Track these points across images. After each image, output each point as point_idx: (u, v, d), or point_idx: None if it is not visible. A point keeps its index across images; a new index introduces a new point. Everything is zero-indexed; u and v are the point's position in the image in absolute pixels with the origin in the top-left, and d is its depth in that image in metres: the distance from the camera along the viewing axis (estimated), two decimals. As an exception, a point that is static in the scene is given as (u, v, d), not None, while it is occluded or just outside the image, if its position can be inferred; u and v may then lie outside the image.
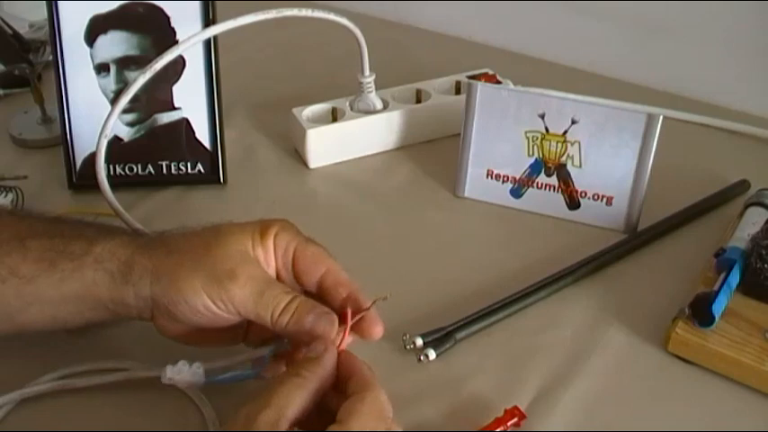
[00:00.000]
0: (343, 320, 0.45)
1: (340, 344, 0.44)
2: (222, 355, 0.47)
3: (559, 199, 0.66)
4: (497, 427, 0.47)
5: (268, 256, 0.47)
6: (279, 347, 0.46)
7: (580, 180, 0.65)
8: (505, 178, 0.68)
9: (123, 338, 0.53)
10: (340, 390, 0.42)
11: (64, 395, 0.50)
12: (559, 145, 0.65)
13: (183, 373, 0.45)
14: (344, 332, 0.45)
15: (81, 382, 0.50)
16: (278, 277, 0.48)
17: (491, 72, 0.80)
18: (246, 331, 0.49)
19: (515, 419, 0.48)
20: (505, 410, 0.48)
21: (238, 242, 0.46)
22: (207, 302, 0.44)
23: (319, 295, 0.47)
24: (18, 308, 0.47)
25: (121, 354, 0.52)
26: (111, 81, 0.67)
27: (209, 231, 0.47)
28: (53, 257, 0.46)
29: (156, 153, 0.69)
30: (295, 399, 0.40)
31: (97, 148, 0.59)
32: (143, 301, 0.46)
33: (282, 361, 0.47)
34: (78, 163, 0.69)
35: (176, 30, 0.66)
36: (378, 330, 0.47)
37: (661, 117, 0.61)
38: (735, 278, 0.55)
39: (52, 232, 0.48)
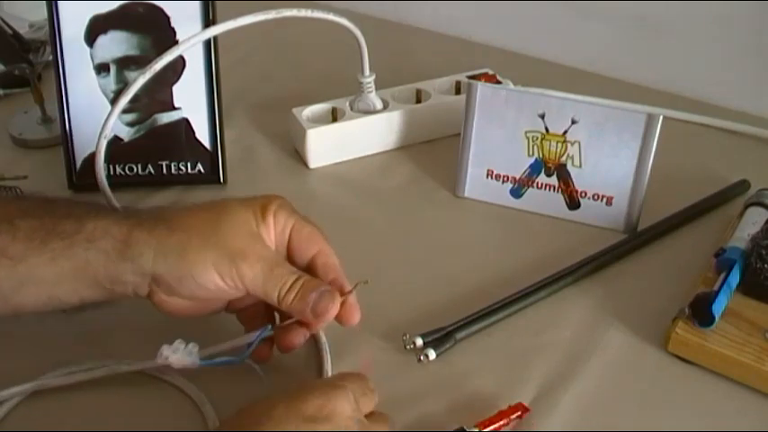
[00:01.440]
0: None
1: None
2: (212, 342, 0.48)
3: (559, 199, 0.66)
4: (500, 420, 0.47)
5: (269, 232, 0.48)
6: (264, 333, 0.48)
7: (580, 180, 0.65)
8: (505, 178, 0.68)
9: (125, 338, 0.53)
10: None
11: (66, 391, 0.50)
12: (559, 145, 0.65)
13: (179, 351, 0.46)
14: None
15: (79, 378, 0.50)
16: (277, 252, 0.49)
17: (491, 72, 0.80)
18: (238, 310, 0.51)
19: (519, 413, 0.48)
20: (509, 406, 0.48)
21: (244, 221, 0.47)
22: (216, 280, 0.45)
23: (308, 272, 0.49)
24: (11, 288, 0.46)
25: (122, 353, 0.52)
26: (111, 81, 0.67)
27: (212, 209, 0.48)
28: (43, 236, 0.46)
29: (156, 153, 0.69)
30: (344, 409, 0.41)
31: (97, 148, 0.59)
32: (141, 277, 0.46)
33: (267, 346, 0.49)
34: (78, 163, 0.69)
35: (176, 30, 0.66)
36: (355, 317, 0.49)
37: (661, 117, 0.61)
38: (735, 278, 0.55)
39: (41, 212, 0.47)
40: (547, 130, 0.65)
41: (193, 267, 0.45)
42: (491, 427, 0.47)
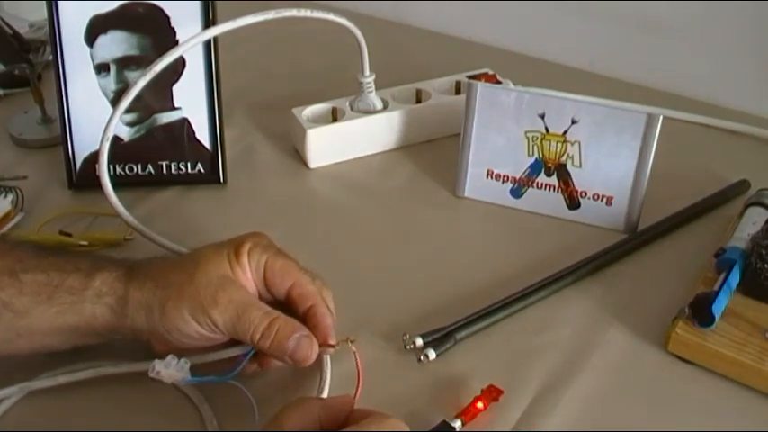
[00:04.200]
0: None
1: (355, 394, 0.47)
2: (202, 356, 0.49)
3: (559, 199, 0.66)
4: (476, 404, 0.48)
5: (245, 272, 0.49)
6: (250, 354, 0.48)
7: (580, 180, 0.65)
8: (505, 178, 0.68)
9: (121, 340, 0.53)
10: None
11: (62, 392, 0.50)
12: (559, 145, 0.65)
13: (170, 367, 0.46)
14: (358, 383, 0.47)
15: (77, 377, 0.50)
16: (257, 290, 0.50)
17: (491, 72, 0.80)
18: None
19: (493, 395, 0.49)
20: (482, 390, 0.49)
21: (217, 267, 0.48)
22: (197, 328, 0.47)
23: (287, 304, 0.50)
24: (6, 339, 0.48)
25: (117, 354, 0.52)
26: (111, 81, 0.67)
27: (189, 260, 0.49)
28: (51, 292, 0.47)
29: (156, 153, 0.69)
30: (291, 418, 0.41)
31: (100, 151, 0.59)
32: (139, 332, 0.48)
33: (255, 362, 0.50)
34: (78, 163, 0.69)
35: (176, 30, 0.66)
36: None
37: (661, 117, 0.61)
38: (735, 278, 0.55)
39: (45, 266, 0.48)
40: (547, 130, 0.65)
41: (174, 321, 0.47)
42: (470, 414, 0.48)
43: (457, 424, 0.47)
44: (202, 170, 0.70)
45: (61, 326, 0.47)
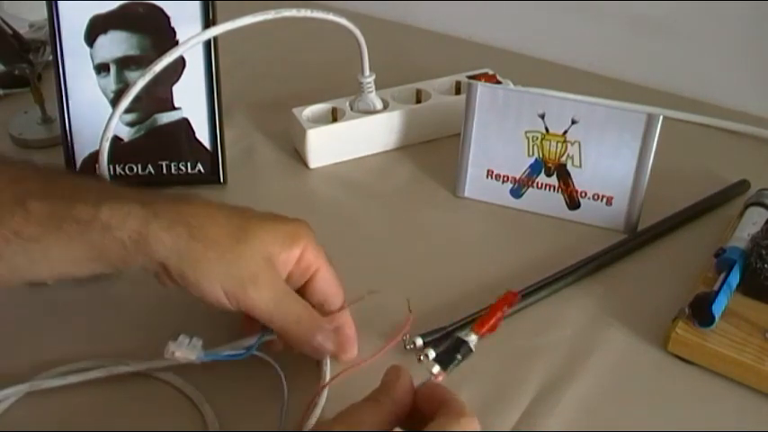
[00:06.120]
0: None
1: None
2: (214, 337, 0.48)
3: (559, 199, 0.66)
4: (495, 314, 0.50)
5: (288, 262, 0.48)
6: (266, 335, 0.48)
7: (580, 180, 0.65)
8: (505, 178, 0.68)
9: (123, 338, 0.53)
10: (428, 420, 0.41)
11: (63, 392, 0.50)
12: (559, 145, 0.65)
13: (183, 346, 0.46)
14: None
15: (78, 378, 0.50)
16: (287, 281, 0.49)
17: (491, 72, 0.80)
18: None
19: (509, 302, 0.50)
20: (498, 299, 0.50)
21: (266, 245, 0.47)
22: (219, 296, 0.46)
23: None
24: (24, 266, 0.46)
25: (120, 353, 0.52)
26: (111, 81, 0.67)
27: (236, 224, 0.47)
28: (57, 222, 0.45)
29: (156, 153, 0.69)
30: (366, 419, 0.40)
31: (100, 151, 0.59)
32: (153, 264, 0.46)
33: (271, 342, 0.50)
34: (78, 163, 0.69)
35: (176, 30, 0.66)
36: (352, 351, 0.51)
37: (661, 117, 0.61)
38: (735, 278, 0.55)
39: (51, 193, 0.46)
40: (547, 130, 0.65)
41: (201, 280, 0.45)
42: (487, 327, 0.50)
43: (471, 338, 0.48)
44: (202, 170, 0.70)
45: (75, 255, 0.45)
